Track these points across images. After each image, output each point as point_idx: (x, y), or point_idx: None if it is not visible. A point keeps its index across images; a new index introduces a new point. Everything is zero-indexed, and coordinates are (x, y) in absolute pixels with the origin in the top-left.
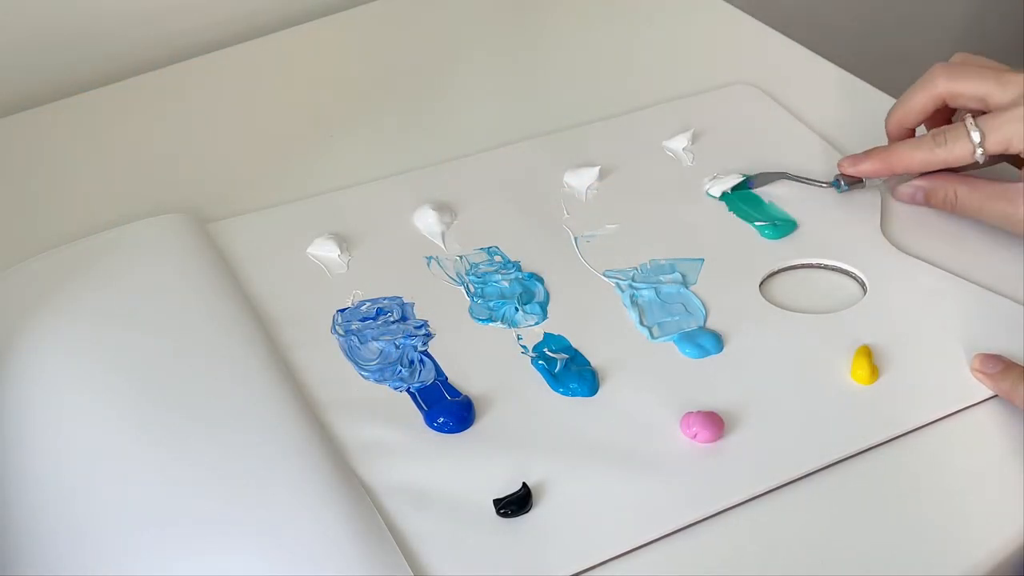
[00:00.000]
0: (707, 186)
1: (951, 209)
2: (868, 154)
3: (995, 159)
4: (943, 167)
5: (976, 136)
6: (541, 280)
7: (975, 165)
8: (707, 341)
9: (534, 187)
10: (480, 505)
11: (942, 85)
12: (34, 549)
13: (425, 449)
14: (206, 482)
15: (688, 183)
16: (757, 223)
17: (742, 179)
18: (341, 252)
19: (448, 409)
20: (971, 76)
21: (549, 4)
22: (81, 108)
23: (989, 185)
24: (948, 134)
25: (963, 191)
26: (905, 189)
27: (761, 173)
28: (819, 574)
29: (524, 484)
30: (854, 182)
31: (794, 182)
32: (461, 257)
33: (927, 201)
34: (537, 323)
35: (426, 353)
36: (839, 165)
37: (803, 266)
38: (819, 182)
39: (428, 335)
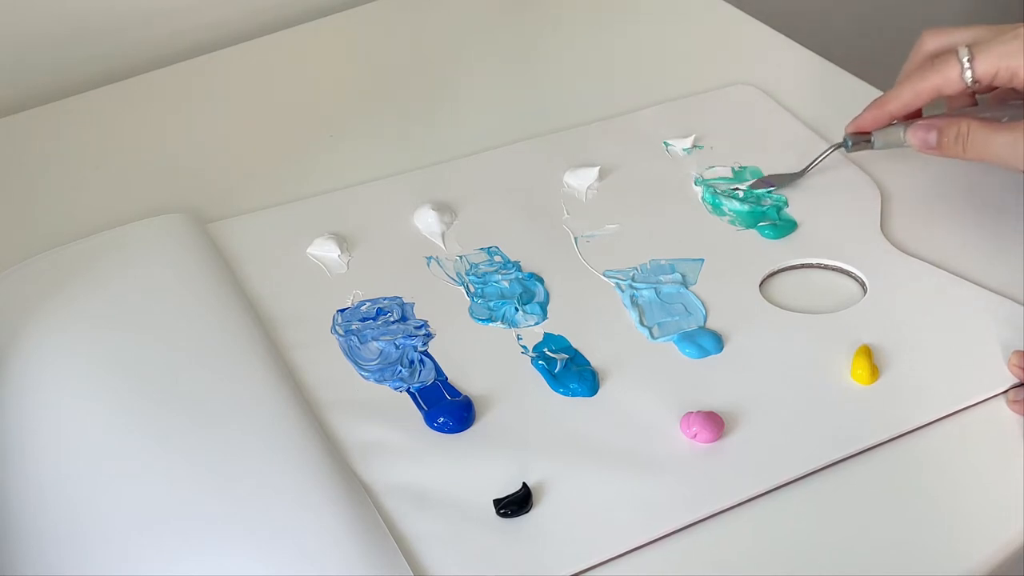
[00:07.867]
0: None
1: (962, 150)
2: (866, 108)
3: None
4: (935, 94)
5: (965, 57)
6: (541, 280)
7: (966, 97)
8: (707, 341)
9: (534, 187)
10: (480, 505)
11: (930, 41)
12: (34, 549)
13: (425, 449)
14: (206, 482)
15: (688, 183)
16: (760, 224)
17: (756, 183)
18: (341, 252)
19: (448, 409)
20: (960, 27)
21: (549, 4)
22: (81, 108)
23: (999, 123)
24: (937, 59)
25: (975, 124)
26: (918, 130)
27: (771, 176)
28: (819, 574)
29: (524, 484)
30: (861, 141)
31: (812, 169)
32: (461, 257)
33: (938, 143)
34: (537, 323)
35: (426, 353)
36: (845, 129)
37: (803, 266)
38: (828, 149)
39: (428, 335)
